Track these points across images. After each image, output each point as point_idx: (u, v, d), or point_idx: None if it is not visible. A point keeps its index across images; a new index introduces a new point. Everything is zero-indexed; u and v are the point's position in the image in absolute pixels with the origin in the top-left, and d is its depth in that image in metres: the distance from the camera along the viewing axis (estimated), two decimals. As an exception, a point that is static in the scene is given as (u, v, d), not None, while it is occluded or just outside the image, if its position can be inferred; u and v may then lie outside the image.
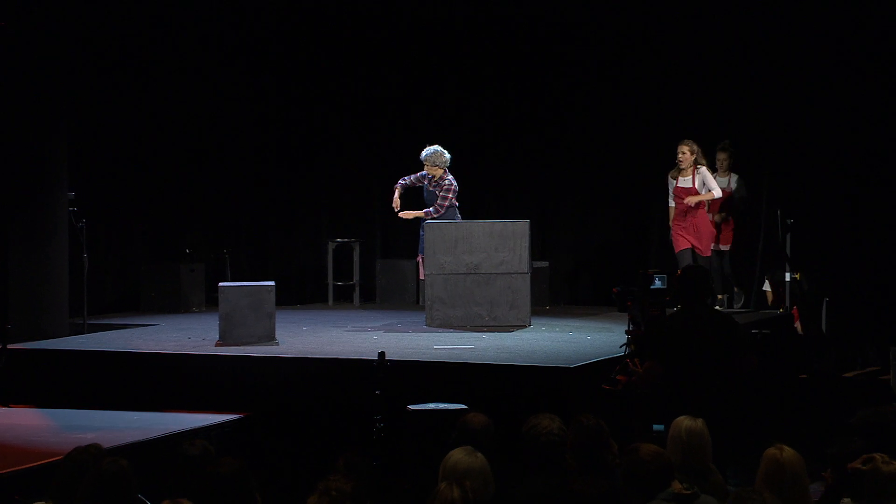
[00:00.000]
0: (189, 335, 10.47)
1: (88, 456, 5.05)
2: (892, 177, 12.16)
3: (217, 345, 9.61)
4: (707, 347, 6.55)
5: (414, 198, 11.69)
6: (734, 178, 11.99)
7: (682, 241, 11.36)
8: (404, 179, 11.46)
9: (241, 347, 9.39)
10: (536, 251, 12.63)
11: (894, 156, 12.17)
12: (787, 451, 4.85)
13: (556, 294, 13.59)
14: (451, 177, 11.17)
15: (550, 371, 8.41)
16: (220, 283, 10.01)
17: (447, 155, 11.21)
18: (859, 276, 12.12)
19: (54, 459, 6.06)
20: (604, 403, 7.32)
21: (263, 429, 8.43)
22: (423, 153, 11.30)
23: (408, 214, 11.38)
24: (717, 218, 11.75)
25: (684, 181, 11.34)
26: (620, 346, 8.17)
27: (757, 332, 10.47)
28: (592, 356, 8.92)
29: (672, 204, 11.52)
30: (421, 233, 11.15)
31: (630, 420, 7.46)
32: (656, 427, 6.63)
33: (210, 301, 12.85)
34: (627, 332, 7.55)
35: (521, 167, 14.08)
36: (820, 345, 11.85)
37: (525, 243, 10.98)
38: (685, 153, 11.28)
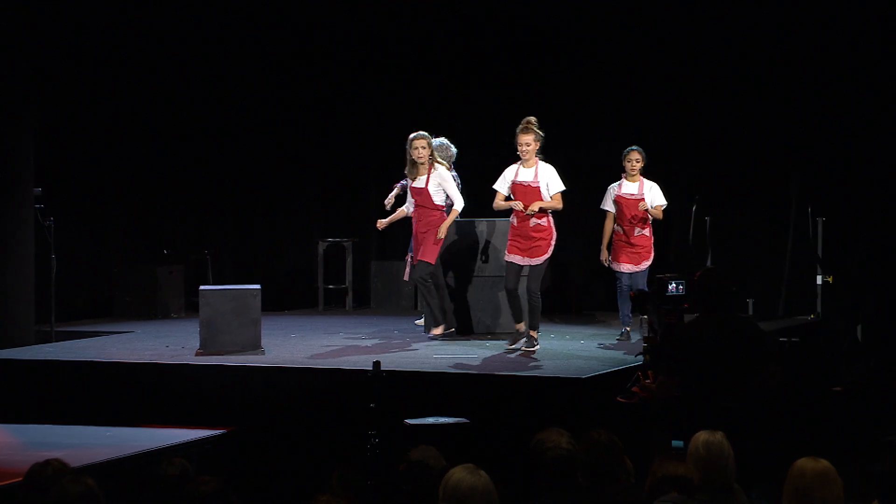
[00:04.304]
0: (167, 343, 10.47)
1: (51, 471, 5.01)
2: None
3: (198, 354, 9.61)
4: (727, 357, 6.53)
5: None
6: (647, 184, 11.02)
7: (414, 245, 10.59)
8: (405, 181, 11.36)
9: (224, 357, 9.39)
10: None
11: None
12: (821, 463, 4.77)
13: (566, 299, 13.57)
14: (454, 173, 10.84)
15: (560, 382, 8.39)
16: (201, 287, 10.01)
17: (454, 149, 11.03)
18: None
19: (17, 480, 6.04)
20: (619, 417, 7.31)
21: (248, 445, 8.42)
22: None
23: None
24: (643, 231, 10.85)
25: (418, 181, 10.44)
26: (636, 355, 8.15)
27: (785, 340, 10.45)
28: (606, 366, 8.91)
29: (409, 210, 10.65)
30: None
31: (648, 435, 7.45)
32: (675, 443, 6.61)
33: (190, 306, 12.85)
34: (644, 339, 7.54)
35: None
36: (855, 354, 11.82)
37: (533, 243, 10.94)
38: (425, 147, 10.34)
